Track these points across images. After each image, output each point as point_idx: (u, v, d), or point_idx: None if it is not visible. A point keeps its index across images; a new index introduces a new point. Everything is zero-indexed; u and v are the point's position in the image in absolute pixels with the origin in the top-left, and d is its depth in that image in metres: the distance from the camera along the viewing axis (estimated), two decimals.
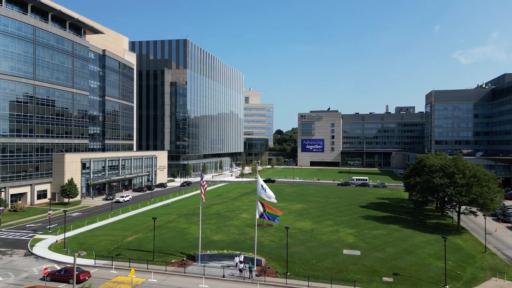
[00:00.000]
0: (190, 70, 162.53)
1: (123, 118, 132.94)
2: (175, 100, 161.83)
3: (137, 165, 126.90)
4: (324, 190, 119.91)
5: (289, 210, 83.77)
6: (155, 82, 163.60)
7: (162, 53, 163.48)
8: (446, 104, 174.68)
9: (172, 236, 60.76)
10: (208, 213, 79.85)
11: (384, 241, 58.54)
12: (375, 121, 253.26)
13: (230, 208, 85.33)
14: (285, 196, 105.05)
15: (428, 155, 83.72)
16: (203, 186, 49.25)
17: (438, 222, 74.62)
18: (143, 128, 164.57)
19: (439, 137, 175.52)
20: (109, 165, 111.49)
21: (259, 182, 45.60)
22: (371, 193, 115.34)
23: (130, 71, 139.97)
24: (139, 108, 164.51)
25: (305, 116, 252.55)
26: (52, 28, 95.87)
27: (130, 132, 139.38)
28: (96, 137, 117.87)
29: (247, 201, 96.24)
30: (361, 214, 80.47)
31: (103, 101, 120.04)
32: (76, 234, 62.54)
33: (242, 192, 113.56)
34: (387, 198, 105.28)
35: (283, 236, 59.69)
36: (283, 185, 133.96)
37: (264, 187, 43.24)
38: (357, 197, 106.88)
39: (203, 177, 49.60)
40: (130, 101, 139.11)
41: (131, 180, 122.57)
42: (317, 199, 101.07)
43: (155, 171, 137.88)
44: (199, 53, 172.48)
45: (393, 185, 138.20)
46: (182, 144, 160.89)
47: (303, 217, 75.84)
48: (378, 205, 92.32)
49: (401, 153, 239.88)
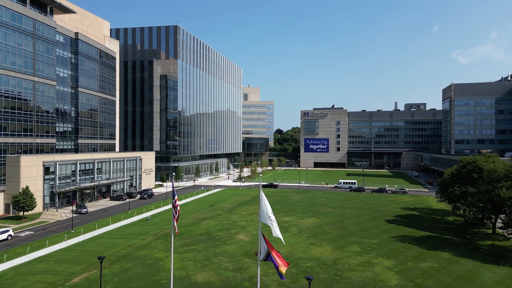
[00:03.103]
0: (181, 61, 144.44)
1: (102, 114, 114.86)
2: (165, 95, 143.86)
3: (118, 168, 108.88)
4: (337, 198, 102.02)
5: (299, 227, 65.84)
6: (142, 75, 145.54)
7: (149, 41, 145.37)
8: (467, 99, 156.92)
9: (138, 274, 42.75)
10: (195, 232, 61.89)
11: (442, 282, 40.71)
12: (383, 119, 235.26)
13: (224, 225, 67.37)
14: (291, 207, 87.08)
15: (475, 157, 66.13)
16: (175, 207, 31.38)
17: (494, 244, 56.88)
18: (128, 126, 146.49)
19: (459, 136, 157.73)
20: (81, 169, 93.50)
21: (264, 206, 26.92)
22: (392, 201, 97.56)
23: (112, 61, 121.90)
24: (124, 103, 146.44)
25: (308, 113, 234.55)
26: (5, 2, 77.78)
27: (111, 130, 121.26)
28: (67, 136, 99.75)
29: (246, 213, 78.24)
30: (392, 233, 62.65)
31: (76, 93, 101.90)
32: (2, 272, 44.48)
33: (240, 201, 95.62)
34: (414, 208, 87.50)
35: (297, 273, 41.83)
36: (287, 191, 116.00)
37: (272, 218, 24.82)
38: (378, 207, 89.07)
39: (175, 195, 31.68)
40: (111, 94, 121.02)
41: (109, 187, 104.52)
42: (330, 210, 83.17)
43: (140, 175, 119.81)
44: (191, 42, 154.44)
45: (414, 190, 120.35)
46: (173, 144, 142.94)
47: (318, 239, 57.94)
48: (408, 219, 74.49)
49: (412, 153, 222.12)
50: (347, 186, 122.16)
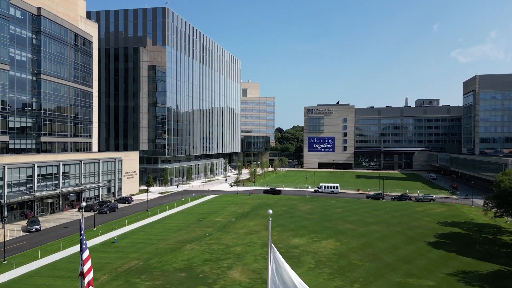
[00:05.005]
0: (170, 48, 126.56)
1: (75, 107, 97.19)
2: (153, 87, 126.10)
3: (92, 172, 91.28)
4: (354, 208, 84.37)
5: (315, 256, 48.19)
6: (126, 64, 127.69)
7: (134, 26, 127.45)
8: (494, 92, 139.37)
9: None
10: (172, 266, 44.25)
11: None
12: (393, 115, 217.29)
13: (213, 253, 49.70)
14: (301, 221, 69.39)
15: None
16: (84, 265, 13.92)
17: None
18: (111, 123, 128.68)
19: (485, 134, 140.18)
20: (41, 173, 75.84)
21: (282, 275, 9.43)
22: (422, 213, 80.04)
23: (88, 46, 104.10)
24: (106, 96, 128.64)
25: (312, 110, 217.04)
26: None
27: (87, 127, 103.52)
28: (26, 133, 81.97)
29: (243, 232, 60.56)
30: (446, 266, 45.10)
31: (38, 81, 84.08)
32: None
33: (236, 213, 77.92)
34: (453, 223, 70.00)
35: None
36: (293, 199, 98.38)
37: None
38: (408, 221, 71.51)
39: (83, 243, 14.29)
40: (87, 85, 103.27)
41: (79, 194, 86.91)
42: (351, 227, 65.52)
43: (120, 179, 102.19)
44: (183, 27, 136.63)
45: (441, 197, 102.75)
46: (161, 142, 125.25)
47: (347, 279, 40.36)
48: (455, 241, 57.00)
49: (425, 153, 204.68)
50: (329, 191, 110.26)
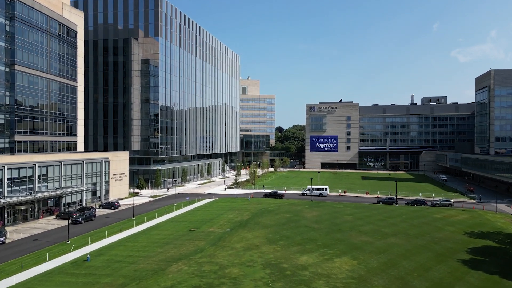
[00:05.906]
0: (164, 40, 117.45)
1: (57, 103, 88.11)
2: (145, 82, 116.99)
3: (74, 174, 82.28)
4: (366, 215, 75.30)
5: (328, 280, 39.20)
6: (116, 58, 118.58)
7: (125, 16, 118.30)
8: (511, 88, 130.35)
9: None
10: None
11: None
12: (399, 114, 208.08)
13: (204, 276, 40.65)
14: (308, 232, 60.33)
15: None
16: None
17: None
18: (99, 120, 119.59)
19: (500, 132, 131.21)
20: (12, 176, 66.85)
21: None
22: (443, 221, 71.09)
23: (72, 36, 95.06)
24: (94, 92, 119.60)
25: (314, 108, 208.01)
26: None
27: (71, 124, 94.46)
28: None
29: (241, 247, 51.50)
30: None
31: (12, 73, 75.01)
32: None
33: (234, 222, 68.85)
34: (481, 234, 61.07)
35: None
36: (297, 204, 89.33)
37: None
38: (430, 231, 62.50)
39: None
40: (71, 79, 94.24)
41: (59, 199, 77.88)
42: (367, 239, 56.49)
43: (107, 181, 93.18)
44: (178, 18, 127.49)
45: (459, 201, 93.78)
46: (154, 142, 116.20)
47: None
48: (491, 257, 48.04)
49: (432, 152, 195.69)
50: (317, 193, 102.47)
